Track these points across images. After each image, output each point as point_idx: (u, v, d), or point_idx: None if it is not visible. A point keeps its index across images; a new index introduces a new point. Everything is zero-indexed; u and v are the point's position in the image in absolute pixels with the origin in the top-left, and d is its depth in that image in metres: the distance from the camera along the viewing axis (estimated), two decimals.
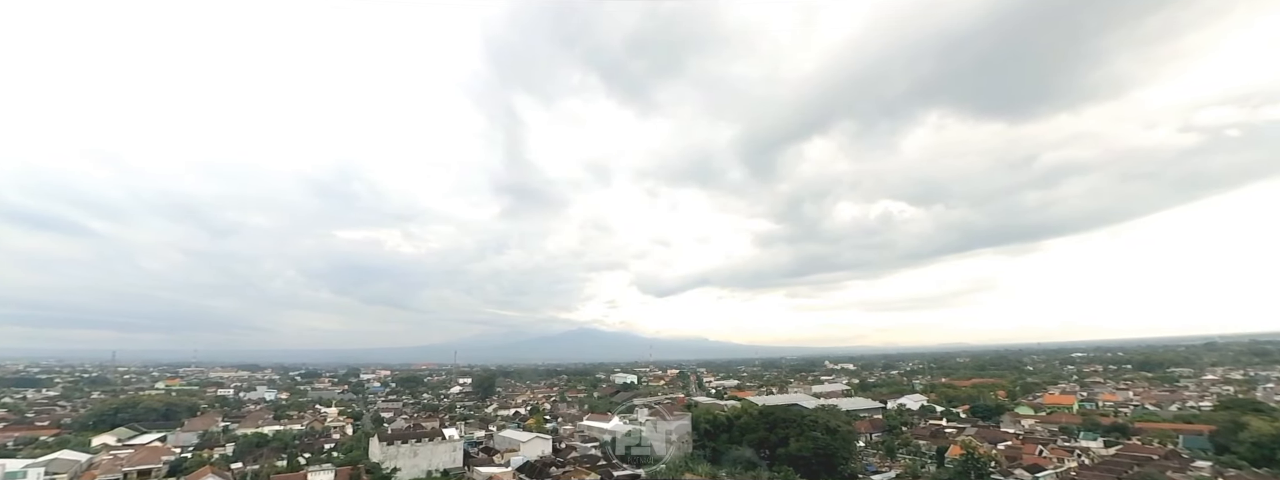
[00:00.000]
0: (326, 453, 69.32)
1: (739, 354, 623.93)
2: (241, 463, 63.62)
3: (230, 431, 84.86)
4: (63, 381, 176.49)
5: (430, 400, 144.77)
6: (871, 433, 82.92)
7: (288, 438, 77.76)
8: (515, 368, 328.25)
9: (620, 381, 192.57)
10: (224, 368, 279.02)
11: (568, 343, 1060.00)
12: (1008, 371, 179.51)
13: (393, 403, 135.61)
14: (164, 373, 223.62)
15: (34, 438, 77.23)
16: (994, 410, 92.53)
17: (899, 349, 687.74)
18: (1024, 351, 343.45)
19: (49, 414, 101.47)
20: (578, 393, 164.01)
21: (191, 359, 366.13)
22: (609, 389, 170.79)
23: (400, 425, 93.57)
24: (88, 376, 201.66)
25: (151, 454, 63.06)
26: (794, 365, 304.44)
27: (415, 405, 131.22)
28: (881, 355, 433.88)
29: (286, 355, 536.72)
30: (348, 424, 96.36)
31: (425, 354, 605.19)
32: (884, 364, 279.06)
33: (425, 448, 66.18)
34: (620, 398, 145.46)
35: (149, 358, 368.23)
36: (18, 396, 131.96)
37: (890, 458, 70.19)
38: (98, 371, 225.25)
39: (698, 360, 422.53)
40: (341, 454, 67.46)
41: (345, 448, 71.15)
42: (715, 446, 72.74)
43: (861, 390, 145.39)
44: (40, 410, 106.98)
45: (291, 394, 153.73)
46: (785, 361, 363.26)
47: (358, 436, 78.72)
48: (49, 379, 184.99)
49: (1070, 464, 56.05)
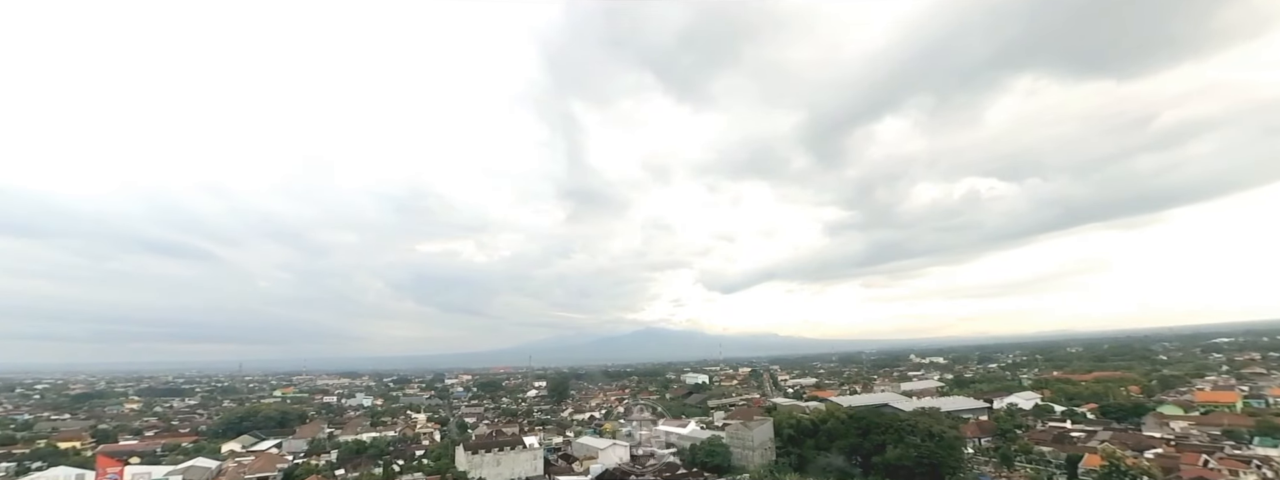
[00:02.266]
0: (417, 460, 72.26)
1: (812, 350, 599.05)
2: (344, 469, 67.67)
3: (334, 438, 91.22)
4: (201, 391, 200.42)
5: (509, 404, 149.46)
6: (979, 437, 74.53)
7: (383, 444, 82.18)
8: (585, 369, 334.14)
9: (691, 382, 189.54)
10: (329, 375, 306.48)
11: (634, 343, 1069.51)
12: (1135, 362, 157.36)
13: (475, 408, 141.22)
14: (280, 382, 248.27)
15: (177, 444, 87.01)
16: (1131, 410, 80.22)
17: (993, 339, 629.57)
18: (1152, 338, 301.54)
19: (189, 422, 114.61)
20: (649, 394, 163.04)
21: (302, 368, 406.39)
22: (681, 390, 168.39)
23: (483, 431, 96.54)
24: (220, 386, 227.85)
25: (268, 462, 68.59)
26: (875, 360, 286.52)
27: (495, 410, 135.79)
28: (974, 347, 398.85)
29: (380, 362, 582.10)
30: (435, 430, 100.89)
31: (500, 357, 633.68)
32: (979, 356, 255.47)
33: (508, 456, 67.17)
34: (694, 400, 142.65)
35: (268, 368, 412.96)
36: (165, 405, 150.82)
37: (1006, 467, 62.32)
38: (228, 381, 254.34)
39: (769, 357, 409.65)
40: (431, 461, 70.00)
41: (434, 455, 73.88)
42: (801, 453, 68.20)
43: (958, 387, 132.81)
44: (182, 418, 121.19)
45: (385, 400, 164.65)
46: (864, 356, 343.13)
47: (445, 444, 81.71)
48: (190, 389, 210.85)
49: (1249, 478, 46.60)
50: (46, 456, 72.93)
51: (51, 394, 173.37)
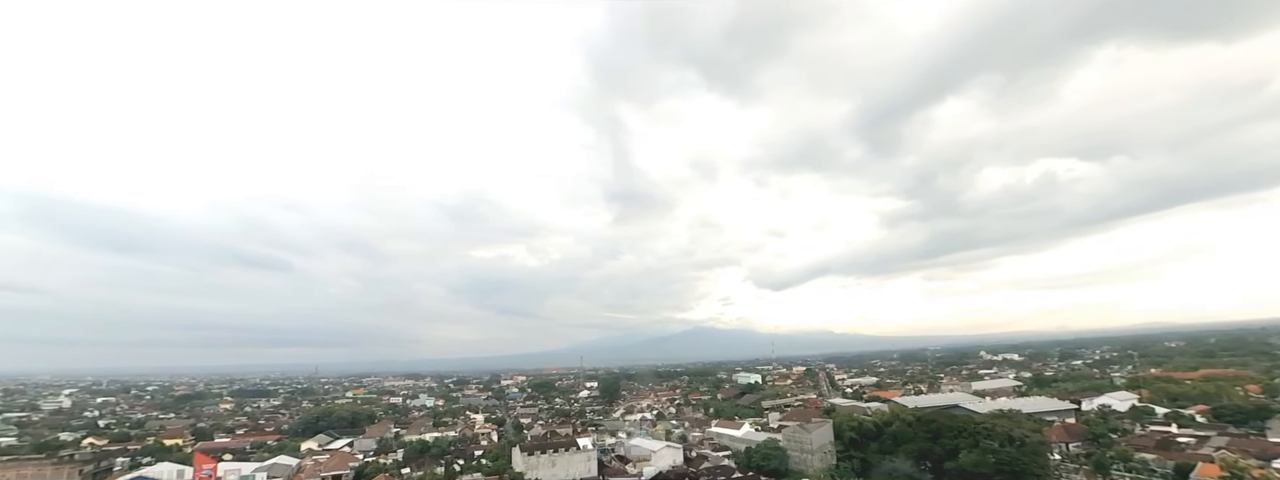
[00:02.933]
0: (476, 460, 74.43)
1: (870, 347, 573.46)
2: (409, 468, 70.69)
3: (400, 437, 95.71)
4: (283, 392, 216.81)
5: (562, 405, 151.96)
6: (1066, 442, 68.10)
7: (444, 444, 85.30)
8: (634, 369, 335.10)
9: (743, 382, 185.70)
10: (395, 377, 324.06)
11: (683, 343, 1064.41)
12: (1252, 357, 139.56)
13: (530, 408, 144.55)
14: (352, 383, 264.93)
15: (263, 442, 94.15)
16: (1251, 413, 70.84)
17: (1074, 333, 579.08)
18: (1270, 330, 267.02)
19: (273, 421, 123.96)
20: (700, 395, 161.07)
21: (371, 370, 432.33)
22: (732, 391, 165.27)
23: (538, 432, 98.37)
24: (300, 387, 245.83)
25: (341, 460, 72.70)
26: (940, 358, 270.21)
27: (549, 410, 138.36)
28: (1052, 342, 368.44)
29: (440, 364, 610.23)
30: (493, 430, 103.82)
31: (552, 358, 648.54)
32: (1060, 352, 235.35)
33: (562, 457, 67.84)
34: (746, 400, 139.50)
35: (341, 370, 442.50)
36: (253, 406, 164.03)
37: (1101, 475, 56.42)
38: (307, 383, 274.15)
39: (824, 356, 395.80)
40: (489, 462, 71.88)
41: (492, 455, 75.86)
42: (864, 457, 64.76)
43: (1038, 387, 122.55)
44: (267, 417, 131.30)
45: (446, 401, 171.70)
46: (928, 354, 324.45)
47: (502, 445, 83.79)
48: (274, 390, 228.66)
49: None
50: (154, 452, 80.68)
51: (159, 395, 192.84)
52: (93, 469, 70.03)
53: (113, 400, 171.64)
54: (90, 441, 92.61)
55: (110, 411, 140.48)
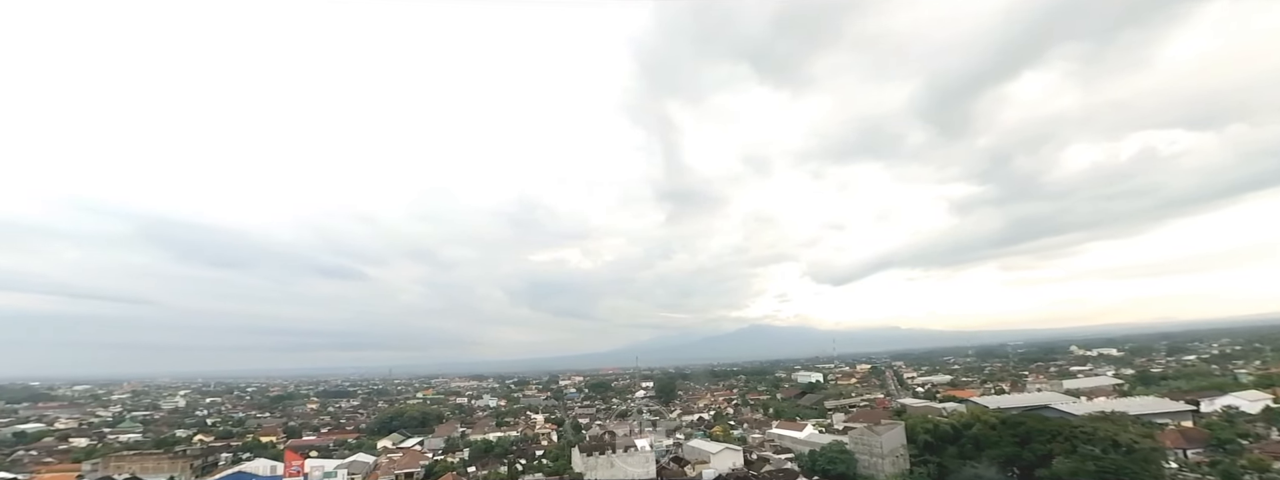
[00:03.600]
0: (537, 460, 75.94)
1: (941, 343, 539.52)
2: (474, 467, 73.15)
3: (466, 437, 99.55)
4: (361, 393, 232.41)
5: (618, 405, 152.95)
6: (1183, 448, 60.27)
7: (507, 444, 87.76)
8: (690, 369, 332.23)
9: (804, 381, 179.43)
10: (460, 378, 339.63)
11: (739, 341, 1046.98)
12: None
13: (587, 408, 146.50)
14: (422, 384, 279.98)
15: (344, 440, 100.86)
16: None
17: (1182, 325, 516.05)
18: None
19: (353, 420, 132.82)
20: (758, 395, 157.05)
21: (438, 371, 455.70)
22: (792, 390, 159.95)
23: (595, 432, 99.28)
24: (376, 388, 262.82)
25: (412, 458, 76.42)
26: (1024, 354, 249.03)
27: (606, 410, 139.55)
28: (1156, 334, 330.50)
29: (501, 365, 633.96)
30: (552, 430, 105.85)
31: (608, 359, 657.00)
32: (1167, 346, 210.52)
33: (620, 459, 67.77)
34: (808, 400, 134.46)
35: (412, 371, 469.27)
36: (336, 406, 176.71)
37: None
38: (381, 384, 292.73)
39: (890, 352, 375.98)
40: (550, 462, 73.11)
41: (552, 455, 77.16)
42: (940, 462, 60.18)
43: (1143, 385, 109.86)
44: (348, 417, 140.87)
45: (508, 401, 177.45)
46: (1009, 349, 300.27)
47: (562, 445, 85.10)
48: (354, 391, 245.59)
49: None
50: (252, 448, 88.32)
51: (257, 396, 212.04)
52: (201, 463, 77.56)
53: (219, 400, 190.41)
54: (200, 438, 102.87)
55: (217, 410, 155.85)
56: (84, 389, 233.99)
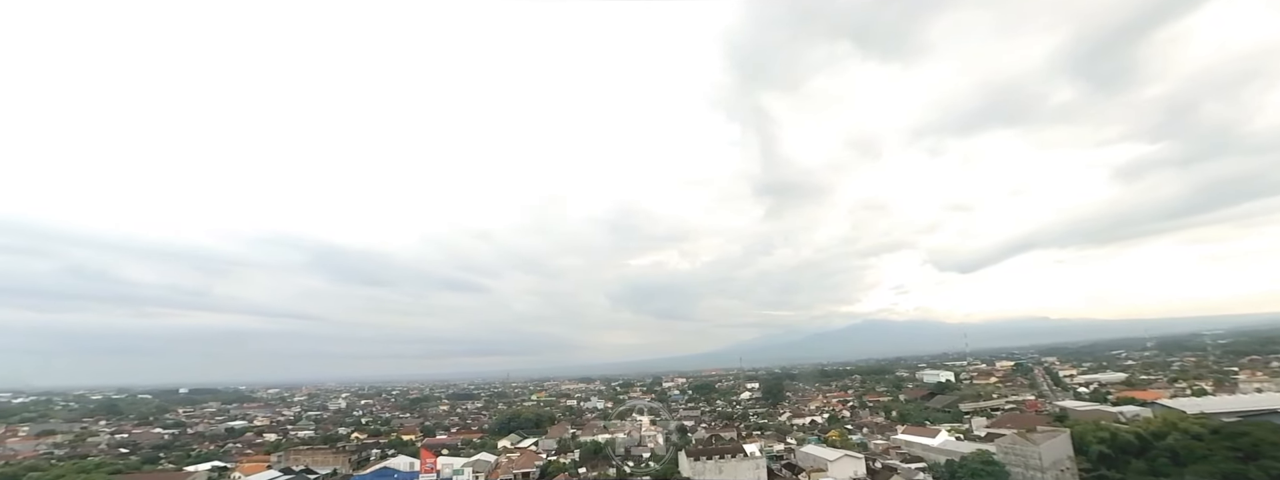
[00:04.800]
0: (645, 463, 75.88)
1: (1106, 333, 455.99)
2: (585, 468, 74.89)
3: (576, 438, 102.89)
4: (484, 396, 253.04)
5: (723, 407, 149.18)
6: None
7: (615, 445, 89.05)
8: (797, 369, 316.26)
9: (931, 380, 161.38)
10: (569, 381, 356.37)
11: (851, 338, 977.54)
12: None
13: (692, 411, 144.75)
14: (536, 387, 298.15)
15: (469, 440, 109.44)
16: None
17: None
18: None
19: (477, 421, 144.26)
20: (877, 396, 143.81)
21: (549, 375, 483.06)
22: (918, 391, 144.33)
23: (702, 435, 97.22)
24: (496, 391, 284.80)
25: (528, 458, 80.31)
26: (1228, 345, 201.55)
27: (712, 413, 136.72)
28: None
29: (607, 368, 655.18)
30: (658, 433, 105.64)
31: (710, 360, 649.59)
32: None
33: (729, 465, 65.17)
34: (938, 402, 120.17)
35: (526, 375, 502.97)
36: (463, 407, 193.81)
37: None
38: (501, 387, 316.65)
39: (1038, 347, 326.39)
40: (657, 465, 72.59)
41: (660, 459, 76.64)
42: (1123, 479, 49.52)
43: None
44: (473, 418, 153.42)
45: (614, 403, 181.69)
46: (1205, 340, 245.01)
47: (669, 449, 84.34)
48: (477, 394, 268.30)
49: None
50: (396, 446, 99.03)
51: (399, 398, 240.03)
52: (356, 458, 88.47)
53: (371, 402, 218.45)
54: (356, 435, 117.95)
55: (369, 411, 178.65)
56: (274, 392, 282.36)
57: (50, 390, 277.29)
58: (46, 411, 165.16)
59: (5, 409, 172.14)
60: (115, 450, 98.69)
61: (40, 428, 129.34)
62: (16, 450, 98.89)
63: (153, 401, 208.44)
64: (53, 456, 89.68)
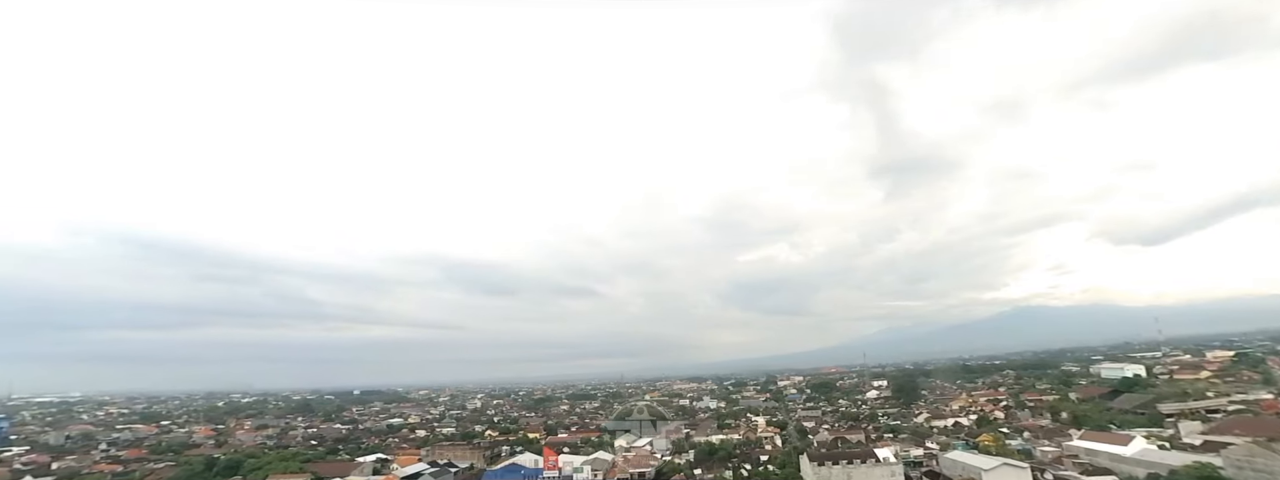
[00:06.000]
0: (763, 465, 71.97)
1: None
2: (700, 470, 73.15)
3: (690, 438, 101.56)
4: (600, 396, 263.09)
5: (847, 407, 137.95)
6: None
7: (730, 447, 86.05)
8: (932, 364, 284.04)
9: (1111, 376, 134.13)
10: (681, 381, 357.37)
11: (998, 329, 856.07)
12: None
13: (812, 411, 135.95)
14: (648, 387, 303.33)
15: (588, 438, 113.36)
16: None
17: None
18: None
19: (594, 420, 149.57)
20: (1038, 394, 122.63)
21: (661, 375, 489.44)
22: (1095, 389, 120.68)
23: (824, 437, 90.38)
24: (611, 391, 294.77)
25: (643, 458, 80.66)
26: None
27: (834, 413, 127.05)
28: None
29: (717, 367, 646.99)
30: (775, 434, 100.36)
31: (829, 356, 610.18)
32: None
33: (859, 471, 59.26)
34: (1125, 402, 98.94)
35: (639, 375, 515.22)
36: (582, 407, 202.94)
37: None
38: (616, 388, 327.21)
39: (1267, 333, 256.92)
40: (776, 468, 68.42)
41: (778, 461, 72.25)
42: None
43: None
44: (590, 417, 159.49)
45: (727, 403, 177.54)
46: None
47: (788, 450, 79.48)
48: (594, 394, 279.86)
49: None
50: (523, 443, 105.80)
51: (525, 398, 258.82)
52: (489, 453, 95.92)
53: (501, 402, 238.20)
54: (489, 433, 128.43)
55: (499, 411, 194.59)
56: (423, 393, 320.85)
57: (265, 391, 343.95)
58: (262, 409, 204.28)
59: (236, 406, 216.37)
60: (307, 442, 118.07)
61: (258, 422, 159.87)
62: (242, 440, 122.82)
63: (334, 402, 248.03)
64: (265, 446, 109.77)
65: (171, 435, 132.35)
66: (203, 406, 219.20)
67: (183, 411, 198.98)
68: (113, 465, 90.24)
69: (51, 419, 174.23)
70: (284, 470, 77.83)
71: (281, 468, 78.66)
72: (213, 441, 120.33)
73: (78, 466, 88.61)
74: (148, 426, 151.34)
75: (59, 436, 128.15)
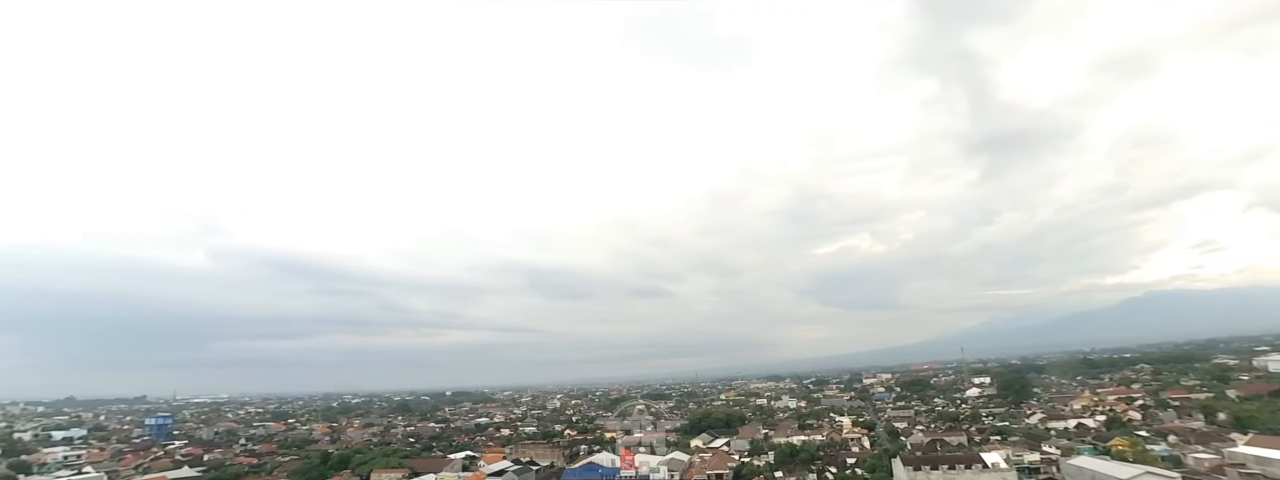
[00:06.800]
0: (850, 469, 67.31)
1: None
2: (780, 472, 69.79)
3: (769, 439, 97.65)
4: (674, 396, 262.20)
5: (944, 406, 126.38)
6: None
7: (812, 449, 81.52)
8: (1044, 358, 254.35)
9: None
10: (757, 379, 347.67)
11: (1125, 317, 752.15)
12: None
13: (903, 410, 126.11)
14: (723, 387, 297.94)
15: (664, 439, 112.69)
16: None
17: None
18: None
19: (669, 420, 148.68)
20: (1187, 393, 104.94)
21: (736, 374, 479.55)
22: (1263, 385, 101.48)
23: (918, 439, 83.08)
24: (686, 391, 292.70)
25: (721, 460, 78.50)
26: None
27: (928, 413, 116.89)
28: None
29: (796, 365, 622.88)
30: (862, 435, 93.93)
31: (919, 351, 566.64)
32: None
33: (963, 477, 53.70)
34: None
35: (714, 375, 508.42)
36: (656, 407, 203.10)
37: None
38: (690, 387, 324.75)
39: None
40: (865, 472, 63.66)
41: (867, 465, 67.23)
42: None
43: None
44: (665, 417, 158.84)
45: (807, 402, 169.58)
46: None
47: (878, 453, 73.89)
48: (668, 394, 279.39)
49: None
50: (600, 443, 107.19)
51: (601, 398, 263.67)
52: (568, 452, 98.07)
53: (578, 402, 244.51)
54: (568, 432, 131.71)
55: (577, 410, 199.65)
56: (507, 394, 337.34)
57: (371, 392, 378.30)
58: (368, 409, 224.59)
59: (347, 406, 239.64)
60: (406, 439, 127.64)
61: (365, 421, 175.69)
62: (352, 437, 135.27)
63: (429, 402, 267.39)
64: (371, 442, 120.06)
65: (295, 432, 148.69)
66: (320, 406, 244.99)
67: (304, 411, 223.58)
68: (249, 457, 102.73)
69: (204, 417, 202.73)
70: (385, 465, 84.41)
71: (383, 463, 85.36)
72: (328, 438, 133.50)
73: (222, 458, 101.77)
74: (278, 424, 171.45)
75: (210, 432, 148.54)
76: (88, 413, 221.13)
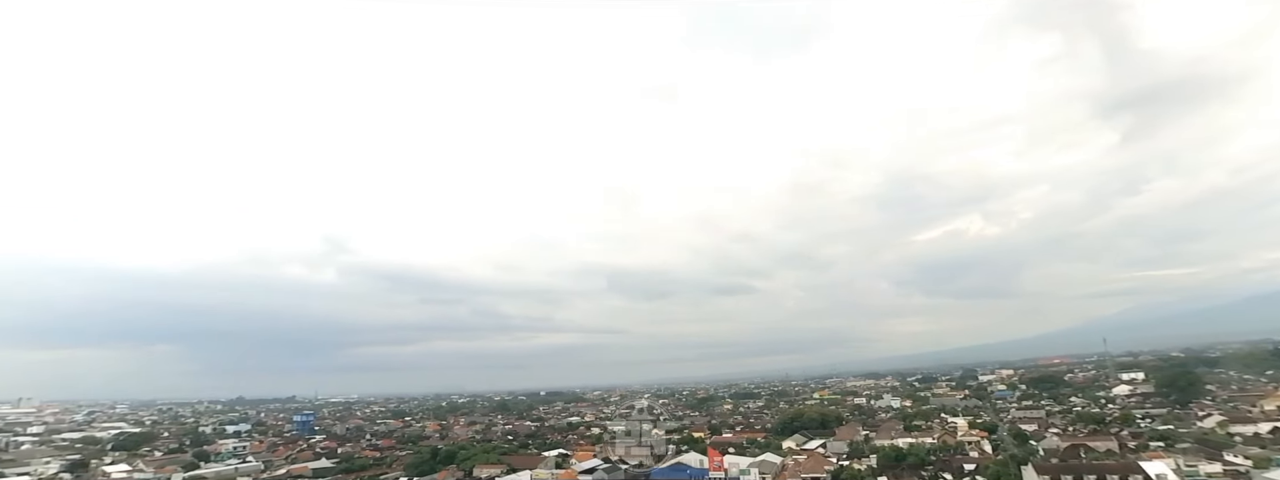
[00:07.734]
0: (968, 475, 59.94)
1: None
2: (884, 477, 63.92)
3: (870, 441, 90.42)
4: (764, 395, 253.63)
5: (1084, 407, 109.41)
6: None
7: (922, 453, 73.99)
8: (1216, 349, 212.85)
9: None
10: (855, 377, 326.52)
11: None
12: None
13: (1031, 411, 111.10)
14: (817, 385, 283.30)
15: (754, 439, 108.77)
16: None
17: None
18: None
19: (759, 420, 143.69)
20: None
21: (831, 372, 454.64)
22: None
23: (1052, 443, 72.24)
24: (776, 390, 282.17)
25: (816, 462, 73.75)
26: None
27: (1064, 414, 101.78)
28: None
29: (899, 361, 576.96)
30: (982, 438, 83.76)
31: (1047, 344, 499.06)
32: None
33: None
34: None
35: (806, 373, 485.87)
36: (745, 406, 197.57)
37: None
38: (781, 386, 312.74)
39: None
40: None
41: (990, 472, 59.42)
42: None
43: None
44: (754, 417, 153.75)
45: (914, 401, 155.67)
46: None
47: (1002, 459, 65.18)
48: (758, 393, 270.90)
49: None
50: (688, 443, 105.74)
51: (688, 398, 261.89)
52: (654, 452, 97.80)
53: (666, 402, 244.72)
54: (655, 431, 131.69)
55: (664, 410, 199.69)
56: (597, 393, 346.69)
57: (474, 393, 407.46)
58: (472, 408, 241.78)
59: (454, 406, 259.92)
60: (505, 437, 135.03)
61: (469, 419, 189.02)
62: (459, 434, 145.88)
63: (525, 402, 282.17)
64: (475, 439, 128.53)
65: (411, 429, 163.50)
66: (432, 406, 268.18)
67: (418, 410, 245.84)
68: (373, 452, 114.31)
69: (338, 415, 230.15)
70: (487, 461, 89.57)
71: (485, 459, 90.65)
72: (438, 434, 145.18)
73: (352, 452, 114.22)
74: (396, 421, 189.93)
75: (342, 428, 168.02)
76: (253, 410, 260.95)
